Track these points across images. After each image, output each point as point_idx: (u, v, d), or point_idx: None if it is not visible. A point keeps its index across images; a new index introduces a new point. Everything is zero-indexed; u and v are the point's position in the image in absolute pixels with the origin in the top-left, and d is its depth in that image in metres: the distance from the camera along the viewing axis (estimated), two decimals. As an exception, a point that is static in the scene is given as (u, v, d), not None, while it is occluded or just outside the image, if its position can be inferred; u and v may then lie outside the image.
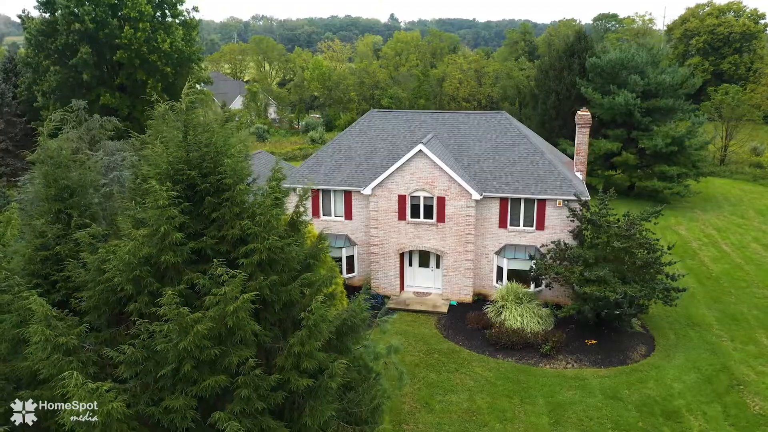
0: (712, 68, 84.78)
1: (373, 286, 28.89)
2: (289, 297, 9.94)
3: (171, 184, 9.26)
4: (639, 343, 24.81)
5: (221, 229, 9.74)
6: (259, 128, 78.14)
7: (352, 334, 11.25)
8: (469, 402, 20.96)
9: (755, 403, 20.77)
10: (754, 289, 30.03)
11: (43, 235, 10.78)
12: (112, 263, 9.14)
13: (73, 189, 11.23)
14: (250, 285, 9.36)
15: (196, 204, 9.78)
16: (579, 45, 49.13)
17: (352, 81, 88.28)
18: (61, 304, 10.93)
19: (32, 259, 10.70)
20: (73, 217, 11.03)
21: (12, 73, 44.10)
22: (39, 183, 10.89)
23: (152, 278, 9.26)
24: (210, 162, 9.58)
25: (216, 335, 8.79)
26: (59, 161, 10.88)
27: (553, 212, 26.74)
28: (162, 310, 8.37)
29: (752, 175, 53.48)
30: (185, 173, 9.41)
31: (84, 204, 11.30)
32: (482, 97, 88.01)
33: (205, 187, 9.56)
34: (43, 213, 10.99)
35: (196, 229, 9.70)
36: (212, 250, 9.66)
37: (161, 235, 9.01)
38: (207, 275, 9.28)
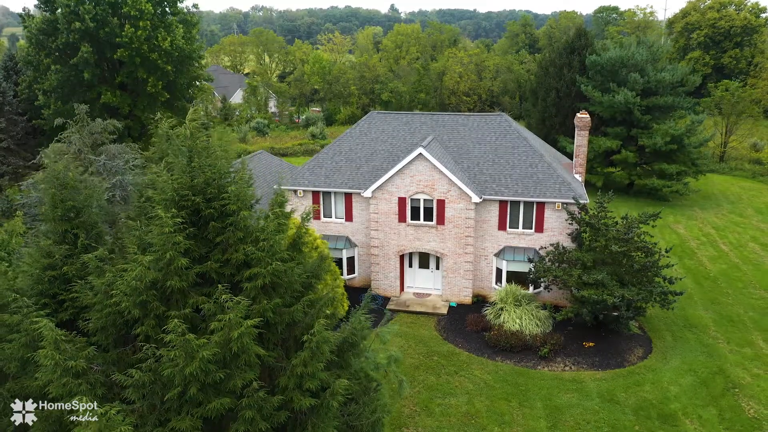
0: (712, 62, 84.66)
1: (373, 287, 29.17)
2: (292, 318, 10.18)
3: (176, 209, 9.47)
4: (636, 345, 25.10)
5: (225, 252, 9.96)
6: (259, 123, 78.17)
7: (353, 350, 11.49)
8: (468, 405, 21.26)
9: (750, 407, 21.07)
10: (750, 289, 30.29)
11: (51, 256, 11.00)
12: (118, 287, 9.38)
13: (79, 209, 11.44)
14: (253, 308, 9.59)
15: (200, 228, 10.00)
16: (579, 42, 49.14)
17: (352, 75, 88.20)
18: (69, 324, 11.19)
19: (40, 279, 10.93)
20: (79, 237, 11.24)
21: (13, 71, 44.13)
22: (46, 204, 11.10)
23: (158, 302, 9.49)
24: (214, 187, 9.78)
25: (221, 359, 9.03)
26: (65, 182, 11.08)
27: (552, 215, 26.95)
28: (168, 336, 8.60)
29: (751, 171, 53.64)
30: (190, 199, 9.62)
31: (90, 223, 11.50)
32: (482, 91, 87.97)
33: (210, 212, 9.77)
34: (50, 233, 11.20)
35: (200, 252, 9.92)
36: (216, 273, 9.89)
37: (167, 261, 9.23)
38: (212, 299, 9.51)
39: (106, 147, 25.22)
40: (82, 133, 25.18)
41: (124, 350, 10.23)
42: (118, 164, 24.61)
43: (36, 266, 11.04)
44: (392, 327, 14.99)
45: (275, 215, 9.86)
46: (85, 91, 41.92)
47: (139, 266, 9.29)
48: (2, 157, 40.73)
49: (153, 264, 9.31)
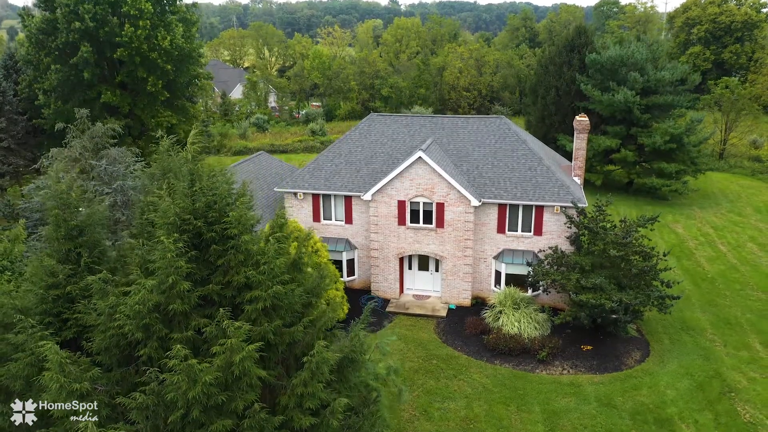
0: (713, 57, 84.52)
1: (373, 289, 29.36)
2: (292, 338, 10.34)
3: (178, 234, 9.61)
4: (634, 348, 25.31)
5: (226, 274, 10.12)
6: (259, 118, 78.15)
7: (353, 366, 11.66)
8: (466, 409, 21.49)
9: (746, 411, 21.29)
10: (748, 291, 30.47)
11: (54, 275, 11.15)
12: (122, 310, 9.53)
13: (82, 228, 11.58)
14: (254, 330, 9.75)
15: (202, 250, 10.14)
16: (579, 40, 49.10)
17: (352, 70, 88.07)
18: (73, 342, 11.36)
19: (44, 299, 11.09)
20: (82, 256, 11.39)
21: (12, 70, 44.12)
22: (49, 225, 11.24)
23: (161, 325, 9.65)
24: (215, 211, 9.92)
25: (222, 382, 9.20)
26: (68, 202, 11.22)
27: (550, 218, 27.09)
28: (171, 362, 8.77)
29: (751, 169, 53.72)
30: (191, 223, 9.76)
31: (93, 242, 11.65)
32: (482, 86, 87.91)
33: (211, 235, 9.92)
34: (54, 252, 11.34)
35: (202, 275, 10.07)
36: (218, 295, 10.05)
37: (169, 285, 9.39)
38: (214, 321, 9.67)
39: (106, 151, 25.32)
40: (83, 138, 25.27)
41: (128, 370, 10.40)
42: (119, 169, 24.72)
43: (40, 285, 11.20)
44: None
45: (276, 239, 9.99)
46: (85, 90, 41.97)
47: (142, 290, 9.45)
48: (3, 156, 40.81)
49: (156, 287, 9.46)
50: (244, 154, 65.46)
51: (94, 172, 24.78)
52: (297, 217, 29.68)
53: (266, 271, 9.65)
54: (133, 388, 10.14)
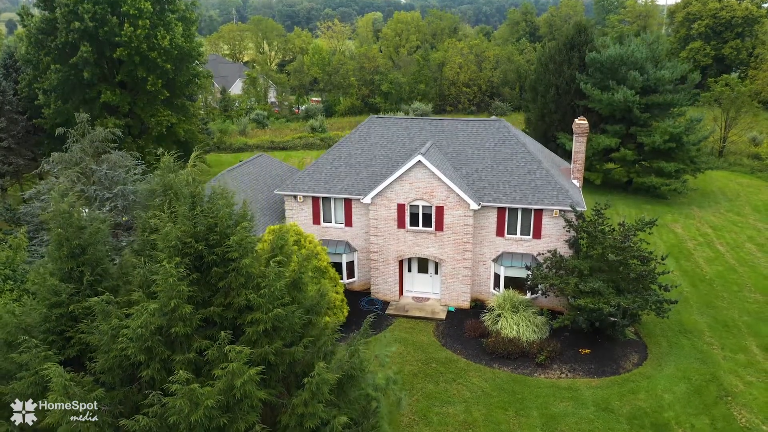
0: (713, 53, 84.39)
1: (372, 291, 29.52)
2: (293, 358, 10.48)
3: (180, 257, 9.74)
4: (632, 351, 25.49)
5: (227, 296, 10.25)
6: (259, 114, 78.10)
7: (352, 382, 11.81)
8: (465, 414, 21.69)
9: (742, 416, 21.49)
10: (746, 293, 30.63)
11: (58, 294, 11.28)
12: (124, 333, 9.67)
13: (84, 246, 11.70)
14: (255, 352, 9.89)
15: (203, 272, 10.27)
16: (579, 38, 49.04)
17: (351, 66, 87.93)
18: (76, 360, 11.51)
19: (47, 317, 11.22)
20: (85, 275, 11.51)
21: (12, 69, 44.07)
22: (52, 244, 11.36)
23: (163, 347, 9.79)
24: (216, 234, 10.05)
25: (224, 404, 9.35)
26: (71, 222, 11.33)
27: (549, 222, 27.21)
28: (174, 387, 8.91)
29: (750, 167, 53.79)
30: (193, 246, 9.89)
31: (95, 259, 11.77)
32: (482, 82, 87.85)
33: (212, 258, 10.05)
34: (57, 271, 11.47)
35: (203, 296, 10.21)
36: (219, 316, 10.18)
37: (171, 308, 9.52)
38: (216, 343, 9.80)
39: (107, 155, 25.40)
40: (83, 142, 25.35)
41: (131, 389, 10.54)
42: (119, 173, 24.81)
43: (44, 304, 11.33)
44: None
45: (276, 263, 10.12)
46: (85, 89, 41.93)
47: (144, 313, 9.58)
48: (3, 156, 40.85)
49: (158, 311, 9.60)
50: (243, 151, 65.54)
51: (94, 176, 24.88)
52: (297, 220, 29.80)
53: (267, 294, 9.79)
54: (135, 407, 10.29)
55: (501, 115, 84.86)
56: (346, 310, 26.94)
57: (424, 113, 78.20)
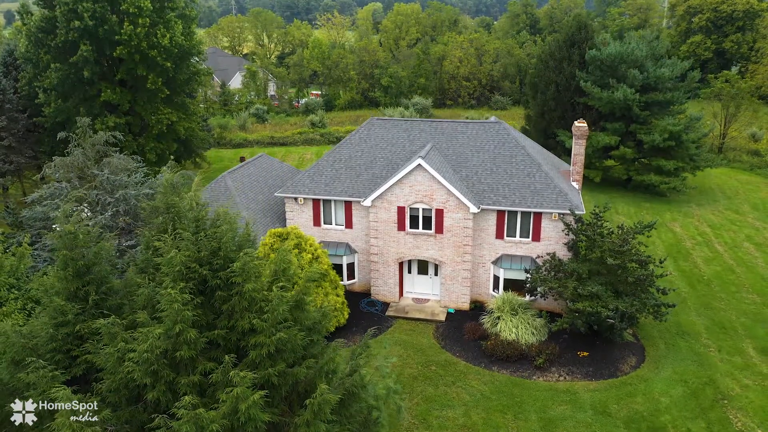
0: (714, 47, 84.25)
1: (372, 293, 29.75)
2: (295, 378, 10.69)
3: (184, 282, 9.91)
4: (630, 353, 25.74)
5: (231, 318, 10.44)
6: (258, 109, 78.06)
7: (354, 399, 12.02)
8: (464, 417, 21.96)
9: (738, 419, 21.76)
10: (743, 294, 30.86)
11: (64, 314, 11.47)
12: (130, 357, 9.86)
13: (89, 265, 11.87)
14: (259, 374, 10.09)
15: (207, 296, 10.45)
16: (579, 35, 48.97)
17: (351, 60, 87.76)
18: (82, 378, 11.71)
19: (54, 337, 11.41)
20: (90, 294, 11.70)
21: (12, 67, 44.07)
22: (57, 264, 11.53)
23: (169, 369, 9.99)
24: (220, 258, 10.22)
25: (229, 427, 9.56)
26: (76, 243, 11.50)
27: (549, 224, 27.38)
28: (180, 412, 9.12)
29: (749, 164, 53.90)
30: (197, 271, 10.06)
31: (100, 278, 11.95)
32: (482, 75, 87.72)
33: (216, 282, 10.22)
34: (62, 291, 11.65)
35: (207, 319, 10.39)
36: (223, 339, 10.38)
37: (176, 333, 9.71)
38: (220, 366, 10.00)
39: (108, 160, 25.52)
40: (85, 147, 25.47)
41: (136, 408, 10.75)
42: (121, 178, 24.95)
43: (50, 323, 11.52)
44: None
45: (279, 288, 10.29)
46: (86, 88, 41.95)
47: (150, 337, 9.77)
48: (4, 155, 40.94)
49: (163, 335, 9.79)
50: (243, 147, 65.60)
51: (96, 180, 25.02)
52: (297, 222, 29.97)
53: (270, 319, 9.98)
54: (141, 427, 10.50)
55: (501, 110, 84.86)
56: (347, 312, 27.20)
57: (423, 108, 78.18)
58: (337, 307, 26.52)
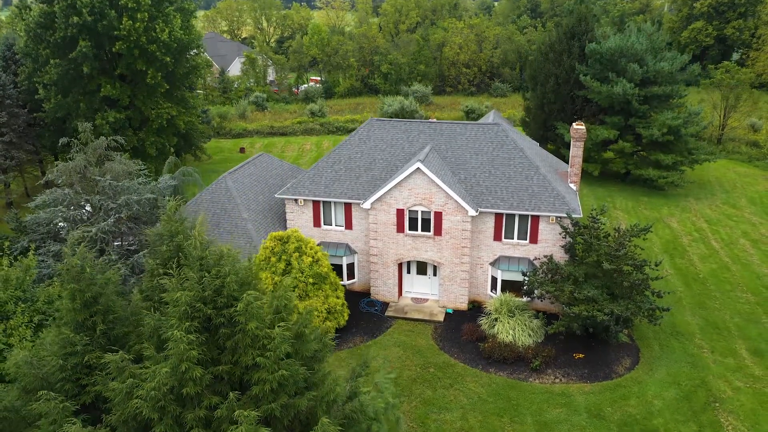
0: (715, 33, 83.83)
1: (372, 293, 30.17)
2: (297, 409, 11.10)
3: (189, 321, 10.28)
4: (624, 355, 26.22)
5: (234, 353, 10.82)
6: (258, 97, 77.94)
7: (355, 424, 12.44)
8: (462, 421, 22.50)
9: (728, 423, 22.30)
10: (738, 293, 31.28)
11: (73, 344, 11.85)
12: (138, 393, 10.25)
13: (96, 296, 12.22)
14: (262, 409, 10.50)
15: (211, 332, 10.82)
16: (579, 27, 48.80)
17: (351, 46, 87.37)
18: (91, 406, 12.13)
19: (63, 367, 11.81)
20: (98, 325, 12.07)
21: (12, 61, 44.03)
22: (65, 297, 11.88)
23: (175, 405, 10.39)
24: (224, 297, 10.57)
25: (234, 462, 9.99)
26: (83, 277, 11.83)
27: (546, 227, 27.71)
28: (186, 451, 9.55)
29: (748, 155, 54.04)
30: (201, 310, 10.42)
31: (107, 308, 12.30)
32: (482, 62, 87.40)
33: (220, 320, 10.59)
34: (70, 321, 12.02)
35: (212, 355, 10.78)
36: (227, 374, 10.77)
37: (182, 371, 10.09)
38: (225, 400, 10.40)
39: (110, 165, 25.76)
40: (87, 152, 25.68)
41: (144, 438, 11.16)
42: (123, 184, 25.21)
43: (59, 354, 11.91)
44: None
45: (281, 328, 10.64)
46: (85, 83, 42.02)
47: (157, 375, 10.15)
48: (5, 151, 41.12)
49: (170, 373, 10.17)
50: (243, 137, 65.68)
51: (98, 186, 25.29)
52: (298, 223, 30.29)
53: (272, 356, 10.36)
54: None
55: (501, 96, 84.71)
56: (347, 313, 27.65)
57: (423, 95, 78.07)
58: (337, 309, 26.96)
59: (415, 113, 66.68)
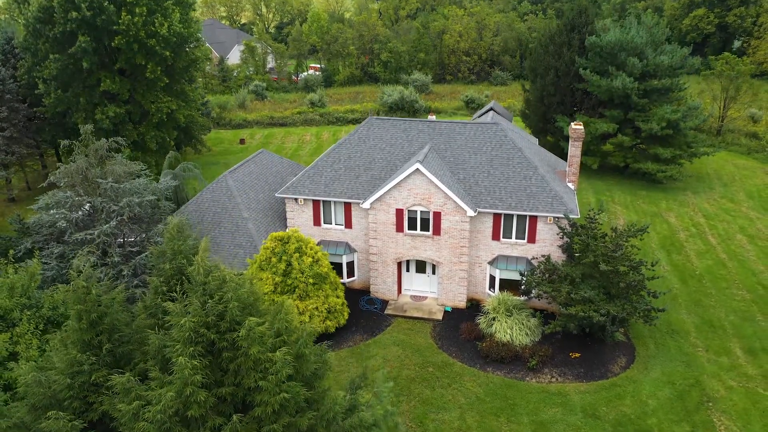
0: (717, 21, 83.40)
1: (372, 291, 30.52)
2: (298, 428, 11.45)
3: (193, 346, 10.59)
4: (620, 353, 26.63)
5: (237, 375, 11.14)
6: (257, 86, 77.81)
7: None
8: (459, 421, 22.95)
9: (721, 423, 22.74)
10: (733, 290, 31.63)
11: (80, 364, 12.18)
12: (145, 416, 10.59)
13: (101, 315, 12.53)
14: (263, 429, 10.84)
15: (215, 355, 11.14)
16: (580, 19, 48.66)
17: (350, 34, 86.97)
18: (99, 423, 12.49)
19: (71, 386, 12.15)
20: (104, 344, 12.39)
21: (11, 55, 43.98)
22: (72, 319, 12.19)
23: (180, 426, 10.74)
24: (227, 322, 10.87)
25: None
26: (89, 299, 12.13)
27: (544, 227, 27.97)
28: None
29: (747, 147, 54.12)
30: (205, 335, 10.73)
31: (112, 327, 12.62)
32: (483, 50, 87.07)
33: (223, 344, 10.90)
34: (77, 341, 12.34)
35: (215, 377, 11.10)
36: (231, 395, 11.11)
37: (187, 395, 10.42)
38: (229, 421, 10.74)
39: (112, 168, 25.96)
40: (88, 155, 25.88)
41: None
42: (124, 186, 25.44)
43: (67, 372, 12.24)
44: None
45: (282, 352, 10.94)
46: (85, 78, 42.02)
47: (163, 399, 10.48)
48: (6, 146, 41.25)
49: (175, 397, 10.50)
50: (243, 127, 65.69)
51: (100, 189, 25.52)
52: (298, 222, 30.55)
53: (273, 380, 10.68)
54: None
55: (501, 85, 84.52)
56: (347, 312, 28.02)
57: (423, 84, 77.91)
58: (337, 309, 27.32)
59: (414, 103, 66.64)
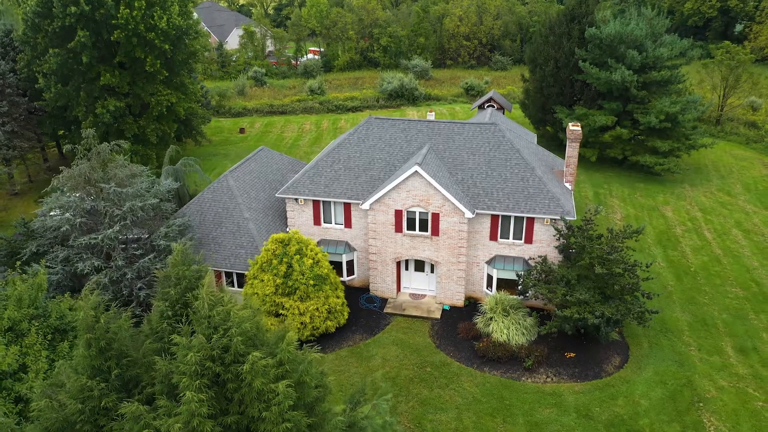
0: (719, 5, 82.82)
1: (371, 289, 31.03)
2: (300, 453, 11.97)
3: (200, 379, 11.06)
4: (614, 353, 27.22)
5: (241, 405, 11.63)
6: (257, 72, 77.60)
7: (353, 455, 13.36)
8: (456, 421, 23.60)
9: (711, 423, 23.39)
10: (727, 287, 32.13)
11: (90, 390, 12.67)
12: (154, 445, 11.11)
13: (109, 341, 12.99)
14: (268, 457, 11.36)
15: (220, 385, 11.62)
16: (580, 9, 48.51)
17: (350, 19, 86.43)
18: (109, 446, 12.98)
19: (82, 410, 12.65)
20: (113, 370, 12.87)
21: (10, 48, 43.97)
22: (81, 347, 12.65)
23: (187, 455, 11.24)
24: (231, 354, 11.33)
25: None
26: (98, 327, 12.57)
27: (541, 228, 28.37)
28: (200, 504, 10.44)
29: (746, 137, 54.25)
30: (210, 368, 11.20)
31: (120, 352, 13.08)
32: (483, 35, 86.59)
33: (228, 376, 11.37)
34: (87, 368, 12.82)
35: (221, 406, 11.59)
36: (235, 424, 11.61)
37: (194, 426, 10.92)
38: (233, 450, 11.26)
39: (114, 172, 26.27)
40: (91, 159, 26.18)
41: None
42: (127, 191, 25.78)
43: (77, 398, 12.74)
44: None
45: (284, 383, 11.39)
46: (85, 72, 42.07)
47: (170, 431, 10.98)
48: (7, 140, 41.47)
49: (182, 428, 10.99)
50: (243, 116, 65.71)
51: (104, 193, 25.87)
52: (298, 221, 30.95)
53: (276, 411, 11.17)
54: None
55: (501, 70, 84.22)
56: (347, 312, 28.56)
57: (423, 70, 77.69)
58: (337, 309, 27.85)
59: (414, 91, 66.58)
